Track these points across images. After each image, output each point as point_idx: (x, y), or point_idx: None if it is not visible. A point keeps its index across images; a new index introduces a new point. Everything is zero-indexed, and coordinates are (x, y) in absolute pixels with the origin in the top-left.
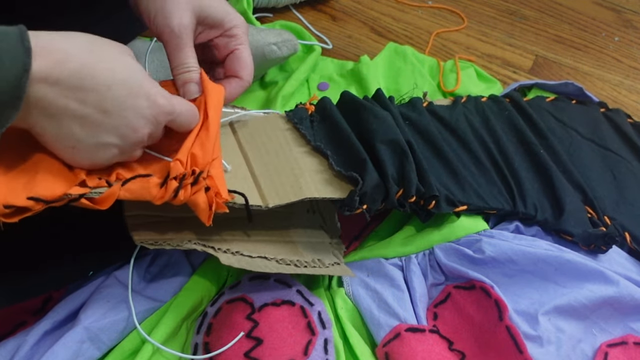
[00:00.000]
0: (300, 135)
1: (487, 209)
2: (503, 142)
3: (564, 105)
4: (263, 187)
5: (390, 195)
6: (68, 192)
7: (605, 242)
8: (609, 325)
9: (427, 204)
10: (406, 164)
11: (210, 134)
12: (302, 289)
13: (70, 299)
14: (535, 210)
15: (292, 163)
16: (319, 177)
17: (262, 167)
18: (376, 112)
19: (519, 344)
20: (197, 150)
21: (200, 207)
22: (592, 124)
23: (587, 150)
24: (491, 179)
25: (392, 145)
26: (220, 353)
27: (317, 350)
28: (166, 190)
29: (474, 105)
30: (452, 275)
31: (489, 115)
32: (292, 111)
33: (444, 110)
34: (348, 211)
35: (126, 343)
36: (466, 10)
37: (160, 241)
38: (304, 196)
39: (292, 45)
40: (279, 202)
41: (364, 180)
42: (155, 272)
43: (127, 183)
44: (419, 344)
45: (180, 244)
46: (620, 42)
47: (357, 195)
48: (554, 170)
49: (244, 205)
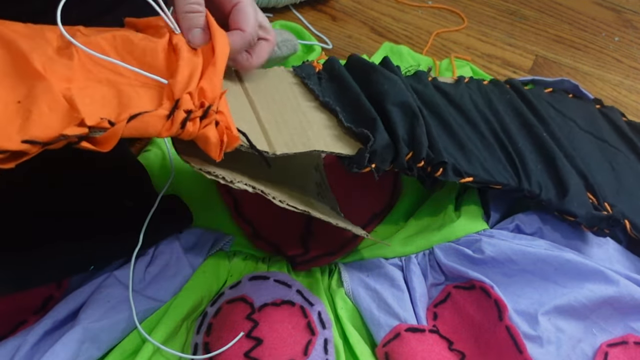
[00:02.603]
0: (308, 90)
1: (492, 182)
2: (506, 122)
3: (561, 97)
4: (270, 134)
5: (401, 156)
6: (64, 132)
7: (610, 224)
8: (609, 325)
9: (434, 170)
10: (417, 126)
11: (217, 69)
12: (302, 289)
13: (71, 299)
14: (539, 189)
15: (300, 115)
16: (327, 132)
17: (269, 115)
18: (387, 74)
19: (518, 344)
20: (205, 84)
21: (210, 141)
22: (589, 117)
23: (586, 140)
24: (496, 155)
25: (403, 107)
26: (220, 353)
27: (317, 350)
28: (172, 122)
29: (476, 86)
30: (452, 275)
31: (491, 97)
32: (299, 66)
33: (448, 86)
34: (357, 168)
35: (126, 343)
36: (466, 10)
37: (216, 172)
38: (313, 148)
39: (292, 45)
40: (287, 151)
41: (375, 138)
42: (155, 272)
43: (132, 120)
44: (419, 344)
45: (234, 181)
46: (620, 42)
47: (367, 152)
48: (557, 152)
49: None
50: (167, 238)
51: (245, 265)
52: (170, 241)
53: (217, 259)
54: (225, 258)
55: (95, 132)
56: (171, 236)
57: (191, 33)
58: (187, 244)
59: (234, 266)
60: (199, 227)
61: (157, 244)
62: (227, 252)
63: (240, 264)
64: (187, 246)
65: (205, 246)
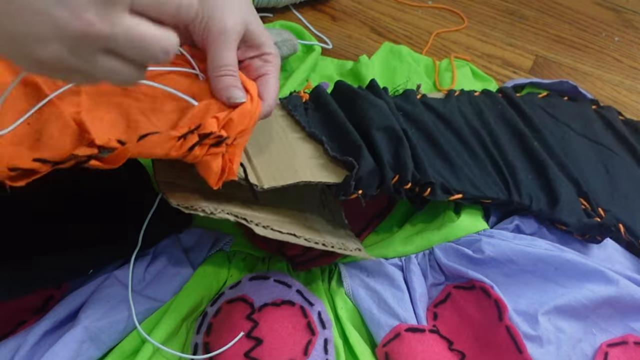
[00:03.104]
0: (295, 122)
1: (482, 198)
2: (496, 134)
3: (555, 101)
4: (258, 168)
5: (386, 180)
6: (75, 152)
7: (601, 232)
8: (609, 325)
9: (422, 191)
10: (402, 150)
11: (252, 106)
12: (302, 289)
13: (71, 299)
14: (530, 200)
15: (287, 148)
16: (314, 162)
17: (257, 149)
18: (372, 100)
19: (518, 344)
20: (236, 116)
21: (212, 170)
22: (584, 120)
23: (580, 145)
24: (486, 170)
25: (387, 132)
26: (220, 353)
27: (317, 350)
28: (183, 143)
29: (467, 98)
30: (452, 275)
31: (482, 108)
32: (286, 98)
33: (437, 102)
34: (344, 195)
35: (126, 343)
36: (466, 10)
37: (195, 206)
38: (300, 179)
39: (292, 45)
40: (275, 184)
41: (359, 165)
42: (155, 272)
43: (142, 139)
44: (419, 344)
45: (214, 212)
46: (620, 42)
47: (353, 180)
48: (548, 162)
49: (244, 179)
50: (167, 238)
51: (245, 265)
52: (170, 241)
53: (217, 258)
54: (225, 258)
55: (104, 152)
56: (171, 236)
57: (230, 91)
58: (187, 244)
59: (234, 266)
60: (199, 227)
61: (157, 244)
62: (227, 252)
63: (240, 264)
64: (187, 246)
65: (205, 246)
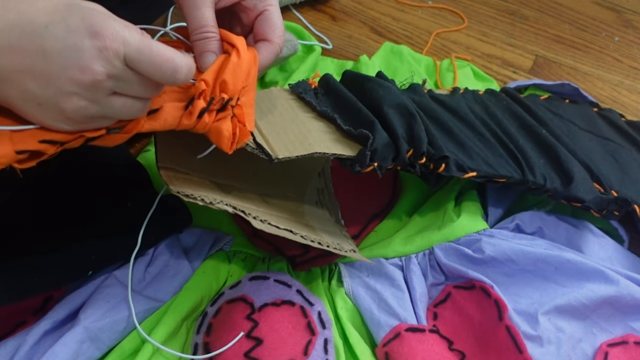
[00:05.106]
0: (305, 103)
1: (496, 176)
2: (505, 124)
3: (558, 102)
4: (272, 142)
5: (401, 153)
6: (83, 132)
7: (618, 205)
8: (610, 325)
9: (437, 167)
10: (415, 125)
11: (242, 60)
12: (302, 289)
13: (70, 299)
14: (544, 180)
15: (299, 125)
16: (327, 136)
17: (269, 126)
18: (381, 82)
19: (518, 344)
20: (227, 76)
21: (223, 134)
22: (588, 119)
23: (586, 139)
24: (498, 152)
25: (399, 108)
26: (220, 353)
27: (317, 350)
28: (192, 111)
29: (472, 96)
30: (452, 275)
31: (487, 104)
32: (295, 84)
33: (444, 96)
34: (359, 167)
35: (126, 343)
36: (466, 10)
37: (195, 194)
38: (314, 150)
39: (292, 45)
40: (289, 155)
41: (374, 137)
42: (155, 272)
43: (152, 113)
44: (419, 343)
45: (213, 203)
46: (620, 42)
47: (369, 151)
48: (559, 147)
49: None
50: (167, 238)
51: (245, 265)
52: (170, 241)
53: (217, 259)
54: (225, 258)
55: (113, 131)
56: (171, 236)
57: (203, 58)
58: (187, 244)
59: (234, 266)
60: (199, 227)
61: (156, 244)
62: (227, 252)
63: (240, 264)
64: (187, 246)
65: (205, 246)
